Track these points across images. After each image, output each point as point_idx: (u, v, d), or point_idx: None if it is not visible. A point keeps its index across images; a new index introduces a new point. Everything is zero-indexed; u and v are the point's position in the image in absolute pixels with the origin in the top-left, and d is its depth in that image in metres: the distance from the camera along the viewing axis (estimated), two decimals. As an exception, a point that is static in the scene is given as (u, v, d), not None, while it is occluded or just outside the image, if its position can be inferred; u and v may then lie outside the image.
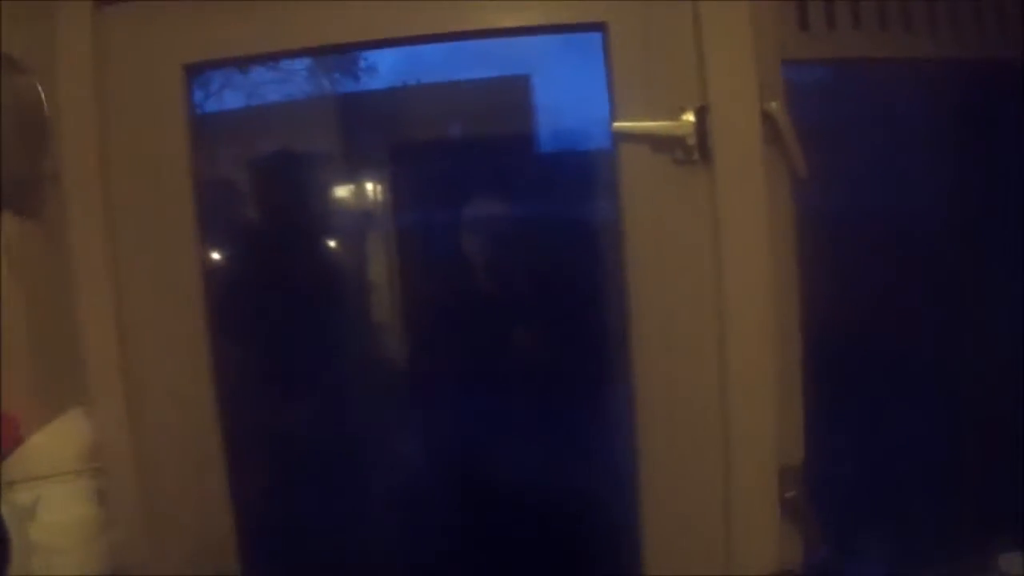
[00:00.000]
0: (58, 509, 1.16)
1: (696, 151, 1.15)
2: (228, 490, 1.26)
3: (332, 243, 1.91)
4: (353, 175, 2.01)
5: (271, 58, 1.46)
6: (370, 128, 2.13)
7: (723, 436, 1.17)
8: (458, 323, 1.84)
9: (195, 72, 1.23)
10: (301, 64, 2.20)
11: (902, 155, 1.37)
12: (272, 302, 1.63)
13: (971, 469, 1.40)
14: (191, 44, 1.22)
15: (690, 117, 1.14)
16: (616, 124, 1.17)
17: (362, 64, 2.41)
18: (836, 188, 1.30)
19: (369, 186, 2.05)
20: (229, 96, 2.06)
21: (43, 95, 1.18)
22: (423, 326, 1.89)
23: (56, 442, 1.19)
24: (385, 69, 2.44)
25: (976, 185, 1.35)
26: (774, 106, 1.12)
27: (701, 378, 1.18)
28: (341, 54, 1.77)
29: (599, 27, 1.17)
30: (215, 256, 1.51)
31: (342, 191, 2.01)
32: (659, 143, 1.16)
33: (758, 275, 1.14)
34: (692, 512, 1.19)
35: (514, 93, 2.33)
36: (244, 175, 1.80)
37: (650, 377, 1.19)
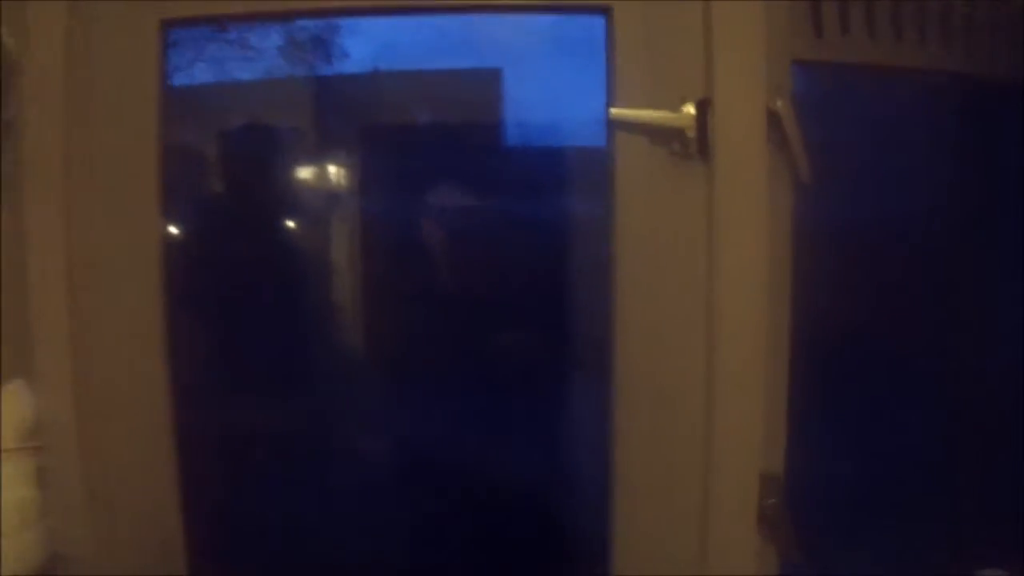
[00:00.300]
0: (-7, 489, 1.07)
1: (695, 145, 1.11)
2: (178, 477, 1.19)
3: (294, 223, 1.85)
4: (321, 156, 1.96)
5: (252, 19, 1.39)
6: (340, 111, 2.08)
7: (705, 440, 1.13)
8: (419, 311, 1.79)
9: (172, 27, 1.16)
10: (272, 43, 2.14)
11: (904, 165, 1.35)
12: (231, 281, 1.56)
13: (962, 485, 1.39)
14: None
15: (691, 109, 1.10)
16: (613, 111, 1.13)
17: (335, 50, 2.36)
18: (835, 195, 1.27)
19: (334, 168, 1.99)
20: (199, 71, 1.99)
21: (4, 35, 1.09)
22: (383, 312, 1.83)
23: (-7, 416, 1.10)
24: (357, 55, 2.38)
25: (979, 200, 1.34)
26: (780, 105, 1.08)
27: (686, 382, 1.13)
28: (328, 19, 1.71)
29: (602, 10, 1.13)
30: (175, 230, 1.43)
31: (308, 171, 1.95)
32: (657, 134, 1.12)
33: (752, 278, 1.10)
34: (668, 517, 1.15)
35: (485, 85, 2.30)
36: (210, 149, 1.73)
37: (632, 379, 1.15)
